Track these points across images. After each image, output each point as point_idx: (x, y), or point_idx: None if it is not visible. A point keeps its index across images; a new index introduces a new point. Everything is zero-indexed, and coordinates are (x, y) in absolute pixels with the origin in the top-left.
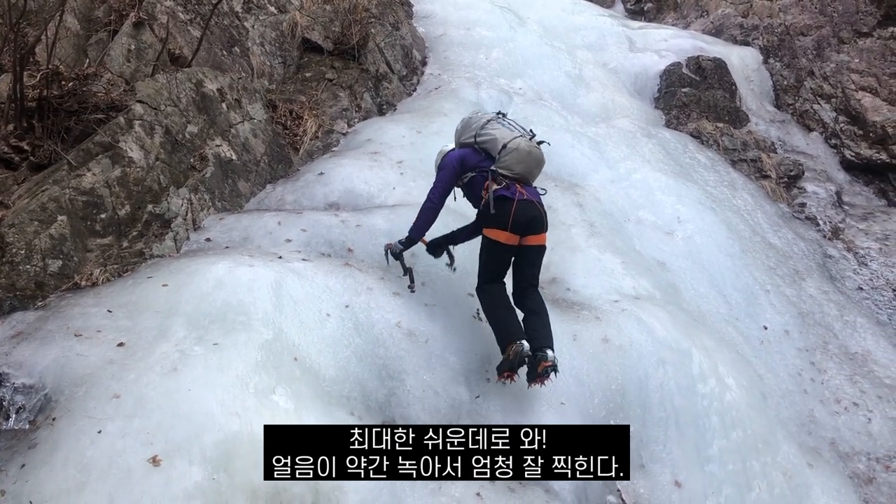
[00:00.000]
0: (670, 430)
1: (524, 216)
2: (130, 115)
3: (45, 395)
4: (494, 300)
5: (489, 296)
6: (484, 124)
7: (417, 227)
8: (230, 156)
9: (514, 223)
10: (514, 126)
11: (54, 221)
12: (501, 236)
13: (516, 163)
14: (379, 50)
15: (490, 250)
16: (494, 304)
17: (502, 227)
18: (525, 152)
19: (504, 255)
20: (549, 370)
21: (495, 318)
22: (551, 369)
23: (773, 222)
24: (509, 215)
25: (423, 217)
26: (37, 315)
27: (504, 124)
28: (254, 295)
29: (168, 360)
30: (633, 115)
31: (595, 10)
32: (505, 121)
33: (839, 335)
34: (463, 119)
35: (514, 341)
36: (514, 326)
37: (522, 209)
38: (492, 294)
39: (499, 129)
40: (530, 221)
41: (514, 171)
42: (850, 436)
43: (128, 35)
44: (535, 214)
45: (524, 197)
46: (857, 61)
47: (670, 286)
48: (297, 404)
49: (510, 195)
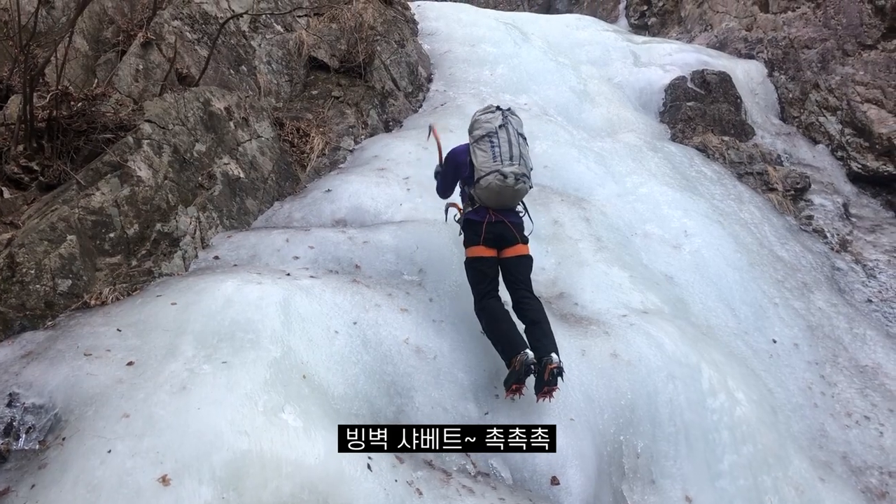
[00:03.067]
0: (680, 445)
1: (492, 232)
2: (139, 135)
3: (55, 415)
4: (494, 316)
5: (488, 313)
6: (479, 138)
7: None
8: (238, 174)
9: (485, 239)
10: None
11: (64, 241)
12: (478, 251)
13: (486, 198)
14: (385, 67)
15: (473, 268)
16: (495, 320)
17: (476, 243)
18: (495, 192)
19: (486, 267)
20: (556, 373)
21: (497, 334)
22: (557, 372)
23: (781, 235)
24: (480, 234)
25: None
26: (46, 335)
27: (494, 145)
28: (262, 313)
29: (177, 379)
30: (639, 129)
31: (599, 26)
32: (500, 136)
33: (849, 348)
34: (475, 114)
35: (518, 352)
36: (516, 339)
37: (490, 227)
38: (490, 311)
39: (483, 153)
40: (502, 236)
41: (486, 204)
42: (861, 450)
43: (136, 55)
44: (506, 231)
45: (493, 219)
46: (861, 74)
47: (678, 300)
48: (306, 422)
49: (479, 219)
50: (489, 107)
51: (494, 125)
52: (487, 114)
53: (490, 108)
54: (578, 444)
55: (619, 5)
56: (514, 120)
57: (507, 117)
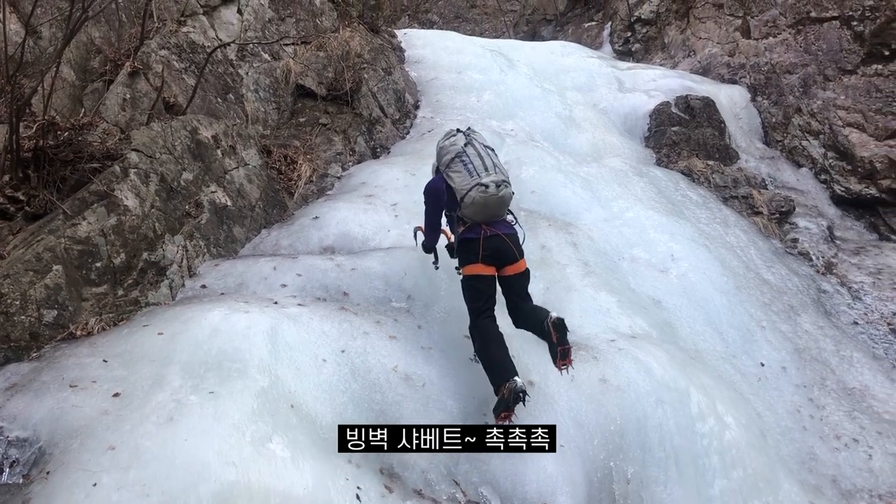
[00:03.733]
0: (671, 470)
1: (491, 247)
2: (126, 164)
3: (40, 448)
4: (487, 338)
5: (481, 334)
6: (448, 162)
7: (427, 237)
8: (225, 202)
9: (483, 255)
10: (473, 167)
11: (49, 271)
12: (476, 269)
13: (474, 214)
14: (372, 95)
15: (470, 286)
16: (487, 342)
17: (473, 261)
18: (480, 204)
19: (483, 285)
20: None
21: (487, 357)
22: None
23: (767, 258)
24: (478, 252)
25: (427, 234)
26: (31, 366)
27: (466, 164)
28: (249, 342)
29: (164, 410)
30: (624, 154)
31: (584, 52)
32: (468, 154)
33: (836, 370)
34: (438, 143)
35: (508, 379)
36: (507, 365)
37: (488, 243)
38: (484, 332)
39: (458, 175)
40: (498, 251)
41: (475, 220)
42: (851, 472)
43: (123, 84)
44: (502, 245)
45: (488, 234)
46: (843, 98)
47: (666, 324)
48: (294, 452)
49: (474, 236)
50: (449, 132)
51: (460, 145)
52: (450, 138)
53: (451, 133)
54: (568, 470)
55: (603, 32)
56: (476, 136)
57: (469, 135)
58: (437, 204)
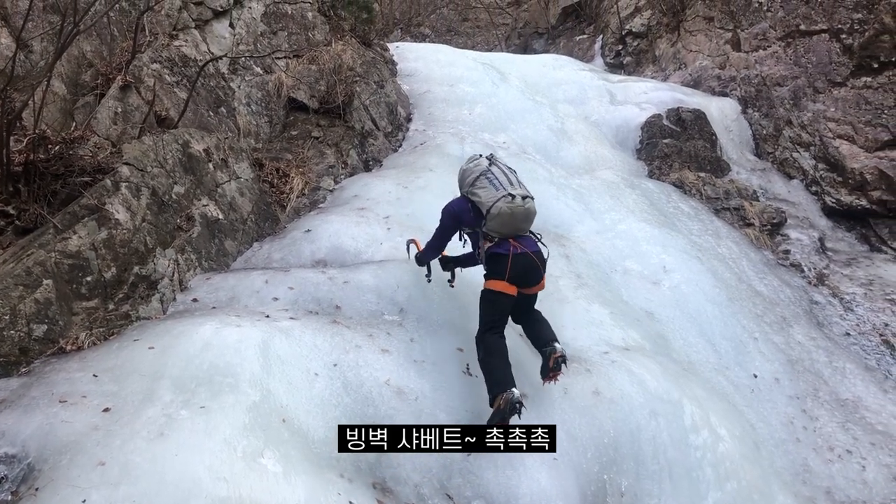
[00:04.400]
0: (664, 483)
1: (520, 267)
2: (117, 178)
3: (29, 465)
4: (492, 349)
5: (487, 345)
6: (473, 181)
7: (426, 254)
8: (217, 215)
9: (511, 275)
10: (498, 182)
11: (39, 285)
12: (499, 286)
13: (500, 226)
14: (364, 108)
15: (490, 301)
16: (491, 354)
17: (500, 278)
18: (507, 215)
19: (503, 303)
20: (560, 361)
21: (489, 367)
22: (561, 360)
23: (759, 270)
24: (506, 269)
25: (427, 252)
26: (20, 382)
27: (491, 180)
28: (241, 356)
29: (154, 425)
30: (616, 166)
31: (575, 65)
32: (493, 171)
33: (829, 381)
34: (461, 167)
35: (505, 390)
36: (506, 376)
37: (517, 262)
38: (491, 344)
39: (484, 190)
40: (527, 273)
41: (503, 233)
42: (845, 484)
43: (114, 98)
44: (531, 265)
45: (518, 251)
46: (833, 110)
47: (659, 336)
48: (286, 467)
49: (504, 252)
50: (472, 157)
51: (484, 166)
52: (472, 162)
53: (473, 157)
54: (562, 483)
55: (594, 45)
56: (498, 160)
57: (491, 158)
58: (453, 227)
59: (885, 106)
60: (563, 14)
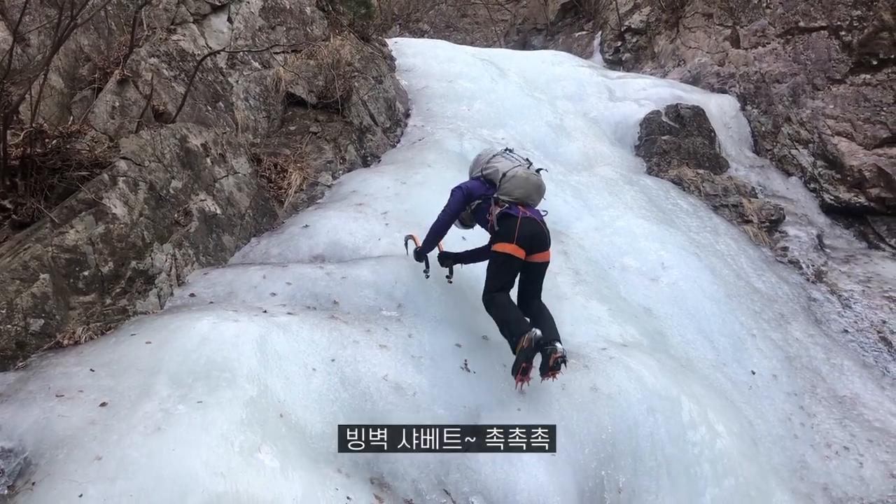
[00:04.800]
0: (662, 479)
1: (528, 230)
2: (114, 172)
3: (25, 459)
4: (502, 303)
5: (497, 302)
6: (490, 159)
7: (427, 242)
8: (214, 210)
9: (519, 236)
10: (516, 158)
11: (36, 280)
12: (508, 248)
13: (515, 188)
14: (363, 103)
15: (498, 262)
16: (502, 305)
17: (509, 241)
18: (523, 178)
19: (511, 265)
20: (560, 361)
21: (504, 317)
22: (561, 360)
23: (757, 266)
24: (514, 230)
25: (432, 234)
26: (17, 376)
27: (507, 157)
28: (238, 351)
29: (151, 420)
30: (615, 162)
31: (574, 62)
32: (510, 155)
33: (827, 378)
34: (475, 156)
35: (526, 331)
36: (522, 322)
37: (526, 224)
38: (500, 300)
39: (501, 162)
40: (534, 236)
41: (514, 196)
42: (842, 481)
43: (112, 92)
44: (538, 230)
45: (526, 215)
46: (831, 107)
47: (657, 332)
48: (284, 462)
49: (514, 213)
50: (486, 150)
51: (500, 150)
52: (487, 150)
53: (487, 149)
54: (560, 479)
55: (593, 41)
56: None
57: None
58: (461, 206)
59: (884, 103)
60: (562, 10)
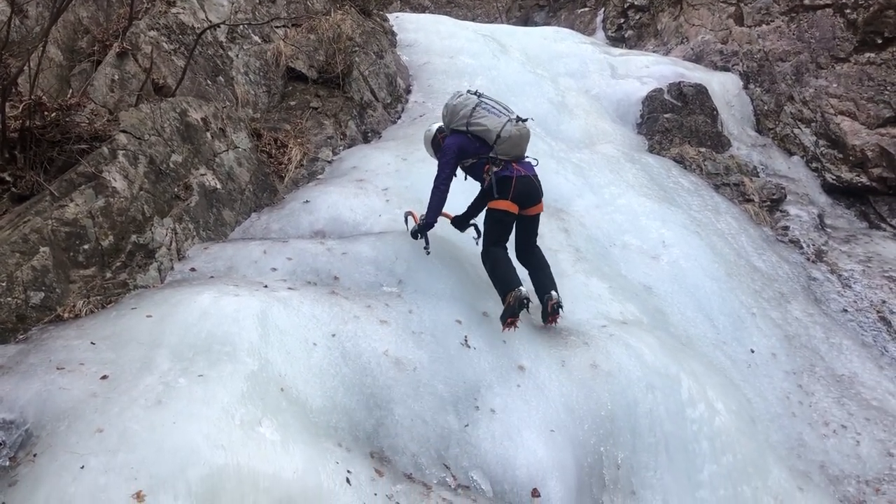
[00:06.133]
0: (660, 455)
1: (522, 187)
2: (114, 145)
3: (27, 431)
4: (498, 258)
5: (493, 255)
6: (471, 112)
7: (431, 210)
8: (215, 185)
9: (514, 195)
10: (498, 110)
11: (36, 253)
12: (503, 205)
13: (511, 147)
14: (363, 78)
15: (495, 219)
16: (497, 262)
17: (504, 198)
18: (517, 137)
19: (507, 220)
20: (556, 307)
21: (497, 273)
22: (557, 305)
23: (758, 245)
24: (510, 190)
25: (434, 201)
26: (18, 349)
27: (490, 110)
28: (239, 325)
29: (152, 393)
30: (617, 140)
31: (576, 38)
32: (486, 102)
33: (825, 357)
34: (447, 104)
35: (513, 289)
36: (513, 278)
37: (521, 183)
38: (496, 254)
39: (488, 118)
40: (529, 194)
41: (510, 155)
42: (839, 459)
43: (111, 65)
44: (532, 186)
45: (521, 173)
46: (835, 86)
47: (657, 311)
48: (284, 436)
49: (509, 174)
50: (455, 94)
51: (475, 100)
52: (460, 97)
53: (458, 94)
54: (559, 455)
55: (596, 18)
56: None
57: (478, 93)
58: (455, 163)
59: (888, 82)
60: None
